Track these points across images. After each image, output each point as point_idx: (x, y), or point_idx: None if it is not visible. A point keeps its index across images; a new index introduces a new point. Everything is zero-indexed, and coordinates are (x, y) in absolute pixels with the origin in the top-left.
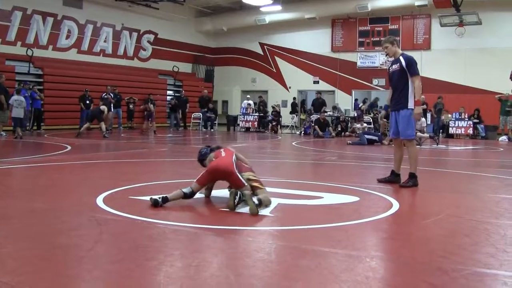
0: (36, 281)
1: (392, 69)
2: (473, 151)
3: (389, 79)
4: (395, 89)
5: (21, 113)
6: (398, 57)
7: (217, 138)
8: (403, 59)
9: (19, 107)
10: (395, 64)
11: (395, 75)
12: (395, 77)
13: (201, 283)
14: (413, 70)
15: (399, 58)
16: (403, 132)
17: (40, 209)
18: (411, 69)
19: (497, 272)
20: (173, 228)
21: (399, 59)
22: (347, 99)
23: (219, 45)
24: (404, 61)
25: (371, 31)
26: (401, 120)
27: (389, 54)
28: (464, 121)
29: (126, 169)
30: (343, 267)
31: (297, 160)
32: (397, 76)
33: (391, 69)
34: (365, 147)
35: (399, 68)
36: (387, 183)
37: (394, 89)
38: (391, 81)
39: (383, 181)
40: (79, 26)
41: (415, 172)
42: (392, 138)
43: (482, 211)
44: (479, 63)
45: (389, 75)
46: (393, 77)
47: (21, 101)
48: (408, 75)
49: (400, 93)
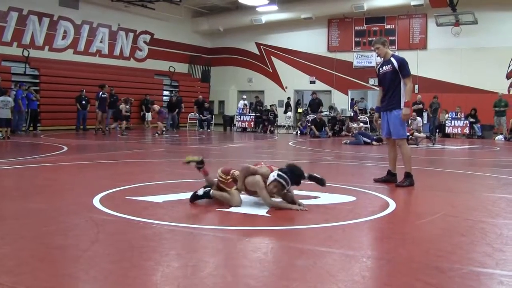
0: (33, 281)
1: (383, 70)
2: (469, 151)
3: (379, 80)
4: (387, 90)
5: (7, 114)
6: (389, 58)
7: (213, 138)
8: (395, 60)
9: (4, 108)
10: (386, 65)
11: (387, 76)
12: (387, 78)
13: (197, 283)
14: (406, 71)
15: (390, 59)
16: (396, 132)
17: (37, 210)
18: (404, 70)
19: (493, 271)
20: (170, 228)
21: (391, 60)
22: (343, 99)
23: (216, 45)
24: (397, 62)
25: (367, 31)
26: (393, 121)
27: (380, 55)
28: (460, 121)
29: (123, 170)
30: (340, 266)
31: (293, 160)
32: (389, 77)
33: (381, 70)
34: (361, 146)
35: (391, 70)
36: (384, 182)
37: (386, 90)
38: (381, 82)
39: (380, 180)
40: (75, 26)
41: (410, 171)
42: (385, 138)
43: (479, 210)
44: (475, 62)
45: (379, 76)
46: (385, 78)
47: (7, 102)
48: (400, 76)
49: (392, 94)
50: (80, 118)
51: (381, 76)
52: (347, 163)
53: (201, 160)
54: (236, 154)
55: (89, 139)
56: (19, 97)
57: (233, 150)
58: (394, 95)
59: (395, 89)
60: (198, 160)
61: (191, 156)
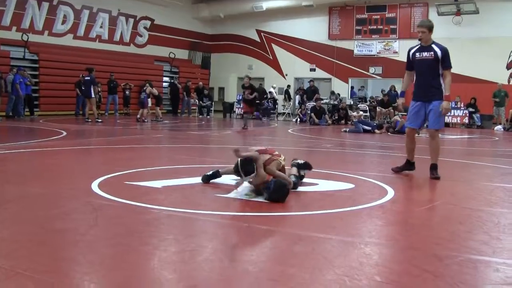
0: (31, 264)
1: (421, 56)
2: (468, 140)
3: (411, 65)
4: (424, 79)
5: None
6: (430, 45)
7: (212, 125)
8: (438, 49)
9: None
10: (425, 51)
11: (425, 64)
12: (425, 66)
13: (195, 268)
14: (449, 63)
15: (432, 46)
16: (435, 123)
17: (35, 194)
18: (447, 61)
19: (490, 259)
20: (168, 213)
21: (432, 48)
22: (343, 87)
23: (216, 32)
24: (440, 52)
25: (368, 19)
26: (435, 110)
27: (422, 40)
28: (460, 110)
29: (122, 155)
30: (338, 252)
31: (292, 147)
32: (428, 65)
33: (418, 56)
34: (360, 135)
35: (432, 58)
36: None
37: (422, 78)
38: (417, 69)
39: (398, 170)
40: (75, 11)
41: (437, 163)
42: (409, 128)
43: (477, 199)
44: (476, 52)
45: (415, 61)
46: (422, 65)
47: None
48: (440, 67)
49: (432, 83)
50: (80, 104)
51: (417, 62)
52: (346, 150)
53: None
54: (236, 140)
55: (88, 124)
56: (17, 81)
57: (232, 137)
58: (434, 85)
59: (434, 78)
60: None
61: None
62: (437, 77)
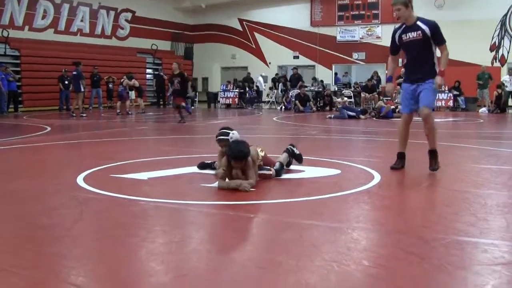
0: (17, 261)
1: (409, 38)
2: (453, 123)
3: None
4: (415, 60)
5: None
6: (415, 23)
7: (197, 115)
8: (425, 26)
9: None
10: (411, 31)
11: (414, 45)
12: (414, 47)
13: (183, 258)
14: (442, 38)
15: (418, 24)
16: (427, 100)
17: (20, 190)
18: (439, 37)
19: (477, 240)
20: (155, 204)
21: (419, 26)
22: (327, 74)
23: (198, 22)
24: (429, 28)
25: (351, 5)
26: (428, 88)
27: (400, 18)
28: (444, 93)
29: (106, 148)
30: (325, 239)
31: (277, 135)
32: (418, 45)
33: (405, 38)
34: (345, 120)
35: (421, 37)
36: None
37: (413, 60)
38: (407, 50)
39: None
40: (55, 5)
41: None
42: (404, 113)
43: (463, 181)
44: (459, 35)
45: (403, 44)
46: (411, 47)
47: None
48: (432, 44)
49: (424, 64)
50: (63, 98)
51: (405, 44)
52: (331, 137)
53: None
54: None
55: (73, 119)
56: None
57: (218, 127)
58: (427, 65)
59: (427, 58)
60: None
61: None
62: (430, 56)
